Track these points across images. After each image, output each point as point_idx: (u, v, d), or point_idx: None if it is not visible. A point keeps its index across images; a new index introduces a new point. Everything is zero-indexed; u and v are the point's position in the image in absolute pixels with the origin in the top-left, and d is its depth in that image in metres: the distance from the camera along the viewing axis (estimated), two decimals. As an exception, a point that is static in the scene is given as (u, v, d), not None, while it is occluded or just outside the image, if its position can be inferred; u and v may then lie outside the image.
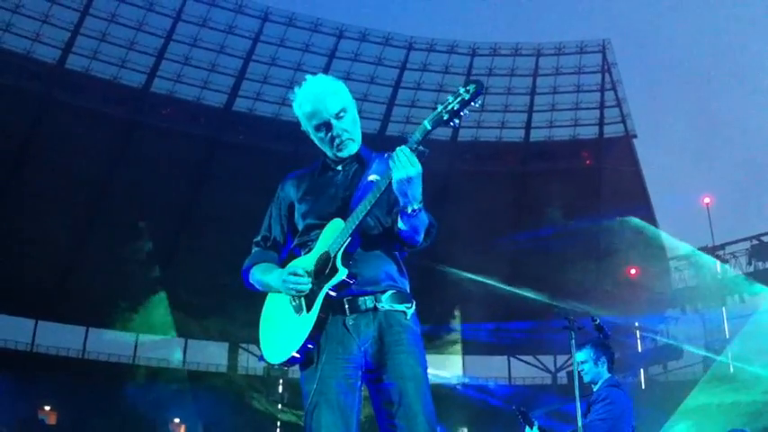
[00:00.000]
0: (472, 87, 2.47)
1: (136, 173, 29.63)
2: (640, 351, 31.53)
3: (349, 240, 2.64)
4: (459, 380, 31.97)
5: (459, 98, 2.48)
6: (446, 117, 2.49)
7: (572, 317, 5.30)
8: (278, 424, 30.33)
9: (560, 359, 32.50)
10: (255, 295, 2.96)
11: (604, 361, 5.47)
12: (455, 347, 33.03)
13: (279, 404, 31.06)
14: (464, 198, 30.53)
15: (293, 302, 2.70)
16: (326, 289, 2.61)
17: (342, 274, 2.60)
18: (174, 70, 32.01)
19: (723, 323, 29.35)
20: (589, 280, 29.04)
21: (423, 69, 33.86)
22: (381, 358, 2.65)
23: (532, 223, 30.98)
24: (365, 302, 2.69)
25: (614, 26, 62.56)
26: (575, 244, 30.01)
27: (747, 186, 54.42)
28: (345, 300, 2.67)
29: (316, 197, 2.86)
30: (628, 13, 66.40)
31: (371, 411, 2.66)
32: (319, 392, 2.61)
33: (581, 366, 5.47)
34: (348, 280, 2.61)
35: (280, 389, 31.39)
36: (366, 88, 33.22)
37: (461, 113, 2.49)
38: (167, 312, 30.39)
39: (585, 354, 5.48)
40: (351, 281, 2.62)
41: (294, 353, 2.64)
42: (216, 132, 32.36)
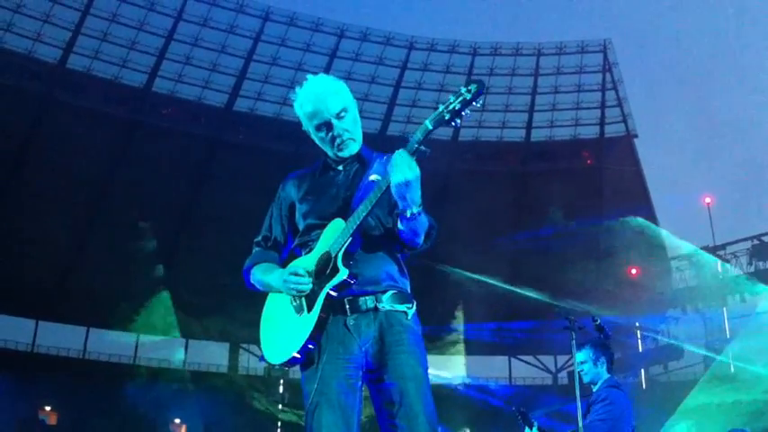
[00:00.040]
0: (473, 87, 2.46)
1: (136, 173, 29.64)
2: (641, 351, 31.53)
3: (350, 240, 2.63)
4: (459, 380, 31.93)
5: (460, 98, 2.47)
6: (447, 117, 2.48)
7: (573, 317, 5.30)
8: (278, 424, 30.34)
9: (561, 359, 32.47)
10: (256, 295, 2.95)
11: (604, 361, 5.47)
12: (456, 348, 33.00)
13: (279, 404, 31.06)
14: (465, 198, 30.51)
15: (294, 302, 2.69)
16: (327, 289, 2.61)
17: (343, 275, 2.60)
18: (175, 70, 32.03)
19: (724, 323, 29.33)
20: (590, 280, 29.01)
21: (424, 69, 33.86)
22: (382, 358, 2.64)
23: (533, 223, 30.97)
24: (366, 302, 2.68)
25: (615, 26, 62.64)
26: (575, 244, 30.02)
27: (748, 186, 54.47)
28: (346, 300, 2.67)
29: (317, 197, 2.86)
30: (628, 13, 66.46)
31: (372, 411, 2.65)
32: (320, 392, 2.60)
33: (580, 367, 5.47)
34: (349, 280, 2.61)
35: (281, 389, 31.40)
36: (367, 88, 33.23)
37: (463, 113, 2.47)
38: (170, 313, 30.40)
39: (585, 354, 5.48)
40: (352, 281, 2.62)
41: (295, 353, 2.64)
42: (217, 132, 32.36)
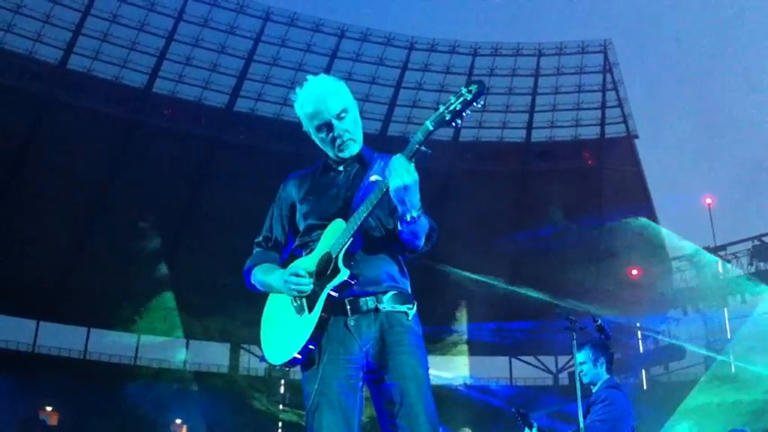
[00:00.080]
0: (474, 88, 2.45)
1: (137, 173, 29.65)
2: (642, 352, 31.51)
3: (350, 241, 2.63)
4: (460, 380, 31.90)
5: (461, 98, 2.46)
6: (448, 117, 2.47)
7: (574, 317, 5.29)
8: (279, 424, 30.33)
9: (562, 360, 32.45)
10: (256, 296, 2.95)
11: (603, 362, 5.47)
12: (457, 348, 32.99)
13: (280, 404, 31.05)
14: (465, 198, 30.52)
15: (295, 303, 2.69)
16: (328, 290, 2.61)
17: (343, 275, 2.59)
18: (176, 70, 32.05)
19: (725, 323, 29.32)
20: (590, 280, 29.00)
21: (424, 69, 33.86)
22: (383, 359, 2.64)
23: (533, 223, 30.94)
24: (366, 303, 2.68)
25: (616, 26, 62.64)
26: (576, 244, 30.01)
27: (749, 186, 54.35)
28: (347, 300, 2.66)
29: (317, 197, 2.85)
30: (629, 14, 66.47)
31: (373, 412, 2.65)
32: (321, 393, 2.60)
33: (580, 367, 5.47)
34: (350, 281, 2.60)
35: (281, 389, 31.39)
36: (367, 88, 33.23)
37: (463, 114, 2.47)
38: (174, 314, 30.38)
39: (584, 355, 5.48)
40: (352, 281, 2.61)
41: (295, 353, 2.63)
42: (217, 132, 32.36)
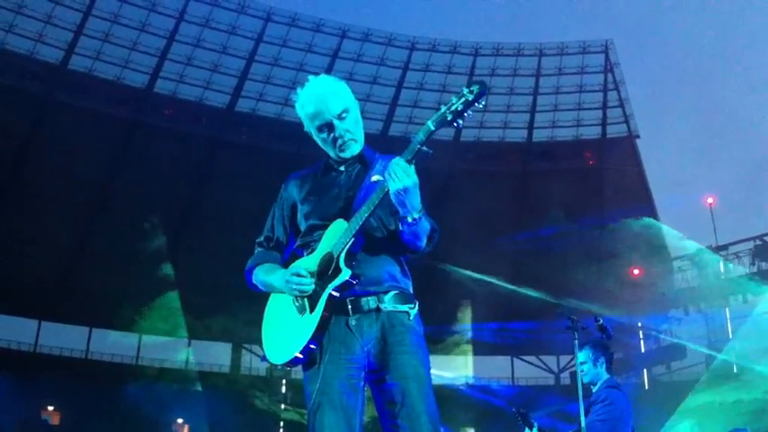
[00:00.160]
0: (476, 88, 2.45)
1: (137, 173, 29.65)
2: (643, 351, 31.49)
3: (352, 241, 2.63)
4: (462, 380, 31.90)
5: (462, 99, 2.46)
6: (450, 118, 2.47)
7: (575, 317, 5.29)
8: (281, 424, 30.34)
9: (563, 359, 32.44)
10: (258, 295, 2.95)
11: (603, 362, 5.47)
12: (458, 348, 32.98)
13: (282, 404, 31.06)
14: (466, 198, 30.50)
15: (296, 303, 2.69)
16: (330, 290, 2.61)
17: (345, 275, 2.59)
18: (177, 70, 32.06)
19: (726, 323, 29.28)
20: (591, 280, 28.95)
21: (425, 70, 33.85)
22: (384, 358, 2.64)
23: (534, 223, 30.92)
24: (368, 303, 2.68)
25: (617, 26, 62.59)
26: (577, 244, 29.98)
27: (750, 186, 54.22)
28: (348, 300, 2.66)
29: (318, 198, 2.86)
30: (630, 14, 66.41)
31: (375, 412, 2.65)
32: (322, 393, 2.60)
33: (581, 367, 5.48)
34: (351, 280, 2.60)
35: (283, 389, 31.41)
36: (369, 88, 33.23)
37: (465, 114, 2.47)
38: (178, 314, 30.36)
39: (585, 355, 5.49)
40: (354, 281, 2.61)
41: (297, 353, 2.63)
42: (218, 132, 32.37)
